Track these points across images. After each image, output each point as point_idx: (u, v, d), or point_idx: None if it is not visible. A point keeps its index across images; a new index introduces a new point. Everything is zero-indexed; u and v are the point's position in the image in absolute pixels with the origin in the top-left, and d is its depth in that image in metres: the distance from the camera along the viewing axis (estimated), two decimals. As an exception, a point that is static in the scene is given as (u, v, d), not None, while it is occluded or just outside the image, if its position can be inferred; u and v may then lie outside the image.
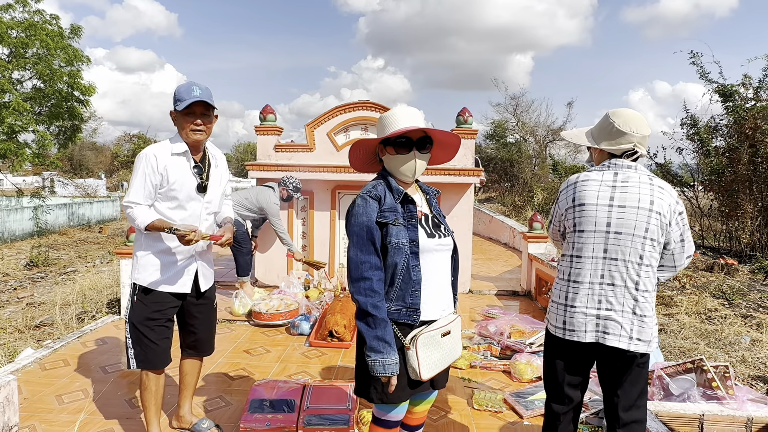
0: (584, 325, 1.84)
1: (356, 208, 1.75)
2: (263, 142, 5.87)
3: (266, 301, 4.62)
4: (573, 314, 1.86)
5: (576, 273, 1.88)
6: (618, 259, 1.81)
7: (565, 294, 1.90)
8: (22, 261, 8.31)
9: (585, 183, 1.89)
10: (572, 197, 1.90)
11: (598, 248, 1.83)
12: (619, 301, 1.81)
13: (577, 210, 1.88)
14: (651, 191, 1.82)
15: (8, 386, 2.62)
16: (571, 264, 1.90)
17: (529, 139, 24.82)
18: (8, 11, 15.02)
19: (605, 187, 1.85)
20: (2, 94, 14.71)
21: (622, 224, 1.81)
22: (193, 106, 2.24)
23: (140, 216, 2.23)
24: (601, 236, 1.83)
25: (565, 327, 1.89)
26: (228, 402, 3.03)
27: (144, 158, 2.26)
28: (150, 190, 2.27)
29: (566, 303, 1.89)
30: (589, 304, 1.84)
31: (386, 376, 1.65)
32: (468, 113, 5.70)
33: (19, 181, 21.70)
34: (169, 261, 2.35)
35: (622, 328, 1.80)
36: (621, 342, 1.80)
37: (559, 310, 1.92)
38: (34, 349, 4.02)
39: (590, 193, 1.86)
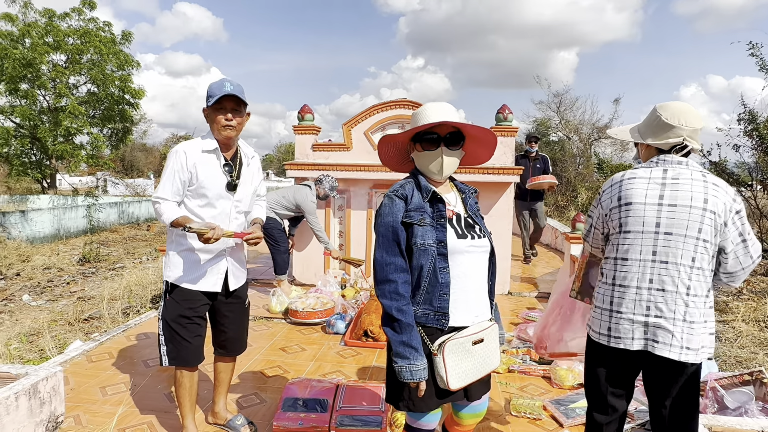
0: (631, 332, 1.72)
1: (382, 208, 1.70)
2: (301, 142, 5.91)
3: (303, 300, 4.64)
4: (619, 320, 1.75)
5: (622, 276, 1.76)
6: (669, 262, 1.69)
7: (610, 299, 1.79)
8: (76, 257, 8.71)
9: (632, 181, 1.77)
10: (618, 196, 1.79)
11: (647, 250, 1.71)
12: (670, 308, 1.68)
13: (623, 209, 1.76)
14: (705, 189, 1.69)
15: (55, 377, 2.73)
16: (616, 267, 1.79)
17: (573, 137, 24.06)
18: (65, 20, 15.82)
19: (654, 184, 1.73)
20: (60, 99, 15.53)
21: (673, 224, 1.69)
22: (224, 100, 2.23)
23: (166, 212, 2.25)
24: (649, 237, 1.71)
25: (609, 334, 1.77)
26: (263, 399, 3.05)
27: (174, 155, 2.28)
28: (178, 187, 2.28)
29: (611, 308, 1.78)
30: (637, 311, 1.72)
31: (414, 381, 1.59)
32: (508, 110, 5.55)
33: (75, 181, 22.88)
34: (198, 259, 2.36)
35: (673, 336, 1.68)
36: (672, 352, 1.68)
37: (603, 315, 1.80)
38: (83, 341, 4.18)
39: (638, 191, 1.74)
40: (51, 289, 6.58)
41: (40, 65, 14.98)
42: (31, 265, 7.83)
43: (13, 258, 8.08)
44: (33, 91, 15.33)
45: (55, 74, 15.48)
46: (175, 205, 2.29)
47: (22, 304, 5.87)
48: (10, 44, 14.59)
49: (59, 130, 15.30)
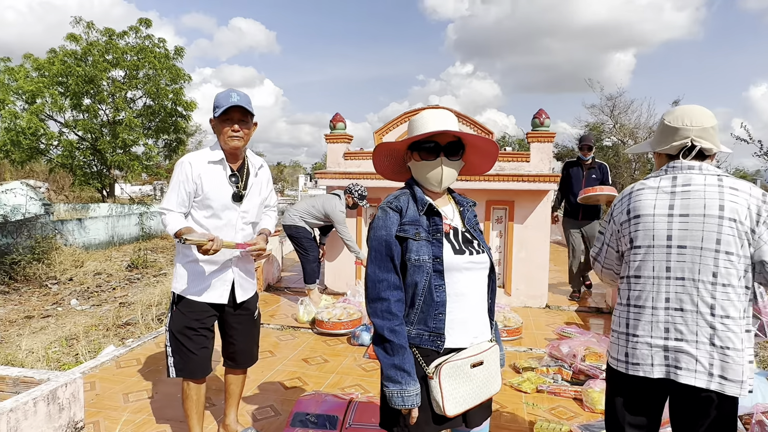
0: (650, 357, 1.55)
1: (376, 221, 1.59)
2: (333, 150, 5.91)
3: (329, 310, 4.59)
4: (635, 345, 1.58)
5: (635, 296, 1.60)
6: (685, 278, 1.51)
7: (626, 321, 1.62)
8: (125, 263, 9.09)
9: (640, 192, 1.61)
10: (627, 209, 1.63)
11: (659, 266, 1.54)
12: (691, 329, 1.50)
13: (633, 223, 1.60)
14: (720, 194, 1.51)
15: (74, 383, 2.78)
16: (629, 286, 1.62)
17: (628, 141, 23.04)
18: (123, 38, 16.74)
19: (662, 194, 1.57)
20: (118, 112, 16.42)
21: (686, 236, 1.51)
22: (231, 111, 2.22)
23: (170, 223, 2.25)
24: (661, 252, 1.54)
25: (627, 360, 1.60)
26: (277, 412, 3.00)
27: (179, 166, 2.29)
28: (183, 198, 2.28)
29: (627, 331, 1.61)
30: (654, 333, 1.55)
31: (406, 408, 1.48)
32: (545, 115, 5.32)
33: (135, 190, 24.09)
34: (204, 270, 2.34)
35: (697, 362, 1.49)
36: (698, 379, 1.49)
37: (620, 339, 1.64)
38: (116, 346, 4.31)
39: (646, 202, 1.58)
40: (98, 294, 6.88)
41: (100, 81, 15.90)
42: (83, 271, 8.24)
43: (68, 264, 8.53)
44: (94, 106, 16.28)
45: (114, 89, 16.39)
46: (179, 216, 2.29)
47: (69, 308, 6.16)
48: (74, 62, 15.58)
49: (117, 141, 16.17)
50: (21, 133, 14.85)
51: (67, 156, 16.45)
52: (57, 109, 15.75)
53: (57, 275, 7.90)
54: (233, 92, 2.23)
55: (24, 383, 2.79)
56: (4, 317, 5.78)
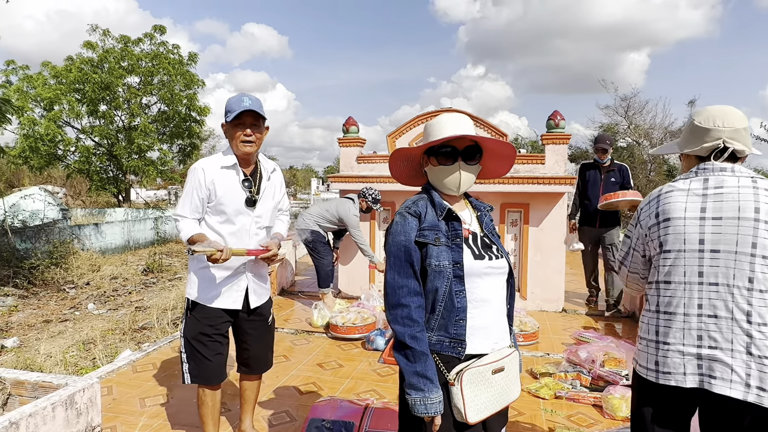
0: (682, 366, 1.50)
1: (394, 226, 1.57)
2: (346, 154, 5.90)
3: (343, 314, 4.58)
4: (666, 353, 1.52)
5: (666, 302, 1.54)
6: (719, 283, 1.46)
7: (655, 328, 1.57)
8: (141, 267, 9.18)
9: (669, 194, 1.56)
10: (655, 212, 1.58)
11: (691, 271, 1.49)
12: (726, 337, 1.44)
13: (662, 226, 1.55)
14: (755, 196, 1.45)
15: (92, 389, 2.79)
16: (659, 292, 1.57)
17: (643, 142, 22.75)
18: (138, 45, 16.98)
19: (693, 196, 1.51)
20: (133, 118, 16.64)
21: (720, 240, 1.46)
22: (243, 116, 2.21)
23: (184, 229, 2.25)
24: (693, 256, 1.49)
25: (657, 369, 1.55)
26: (293, 417, 2.99)
27: (192, 172, 2.29)
28: (197, 204, 2.28)
29: (657, 339, 1.56)
30: (687, 341, 1.49)
31: (429, 415, 1.45)
32: (560, 116, 5.26)
33: (150, 195, 24.37)
34: (218, 276, 2.34)
35: (733, 371, 1.43)
36: (733, 390, 1.43)
37: (649, 347, 1.59)
38: (132, 351, 4.33)
39: (676, 205, 1.53)
40: (114, 299, 6.95)
41: (116, 88, 16.14)
42: (100, 275, 8.33)
43: (85, 268, 8.63)
44: (110, 112, 16.54)
45: (130, 95, 16.62)
46: (193, 222, 2.29)
47: (86, 312, 6.23)
48: (91, 69, 15.84)
49: (133, 147, 16.39)
50: (39, 140, 15.13)
51: (84, 162, 16.71)
52: (74, 116, 16.02)
53: (74, 280, 8.00)
54: (245, 96, 2.23)
55: (42, 388, 2.81)
56: (23, 321, 5.86)
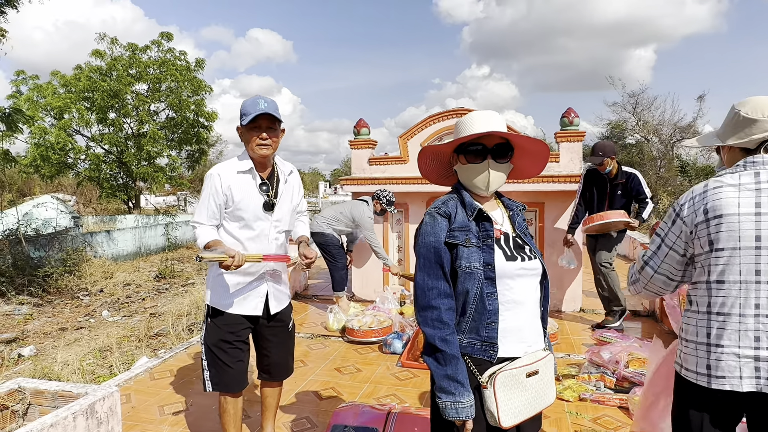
0: (738, 369, 1.43)
1: (424, 227, 1.54)
2: (357, 156, 5.87)
3: (359, 318, 4.54)
4: (720, 356, 1.45)
5: (720, 303, 1.47)
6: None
7: (706, 331, 1.49)
8: (153, 273, 9.20)
9: (718, 190, 1.48)
10: (703, 209, 1.49)
11: (747, 269, 1.42)
12: None
13: (713, 224, 1.47)
14: None
15: (111, 397, 2.77)
16: (710, 292, 1.49)
17: (652, 139, 22.55)
18: (146, 52, 17.07)
19: (746, 191, 1.44)
20: (142, 125, 16.73)
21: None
22: (259, 119, 2.17)
23: (201, 236, 2.22)
24: (749, 254, 1.42)
25: (710, 373, 1.47)
26: (314, 423, 2.95)
27: (209, 178, 2.25)
28: (213, 210, 2.24)
29: (708, 342, 1.48)
30: (743, 343, 1.42)
31: (460, 420, 1.41)
32: (574, 114, 5.19)
33: (159, 201, 24.51)
34: (238, 282, 2.30)
35: None
36: None
37: (699, 351, 1.51)
38: (149, 357, 4.32)
39: (728, 200, 1.45)
40: (128, 305, 6.95)
41: (125, 95, 16.22)
42: (113, 282, 8.36)
43: (98, 275, 8.67)
44: (119, 120, 16.61)
45: (138, 102, 16.70)
46: (211, 228, 2.26)
47: (101, 319, 6.24)
48: (99, 78, 15.94)
49: (142, 154, 16.47)
50: (50, 148, 15.23)
51: (95, 169, 16.80)
52: (84, 124, 16.11)
53: (88, 287, 8.03)
54: (260, 99, 2.19)
55: (62, 397, 2.80)
56: (39, 329, 5.88)
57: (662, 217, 14.65)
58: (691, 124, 21.32)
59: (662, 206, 15.91)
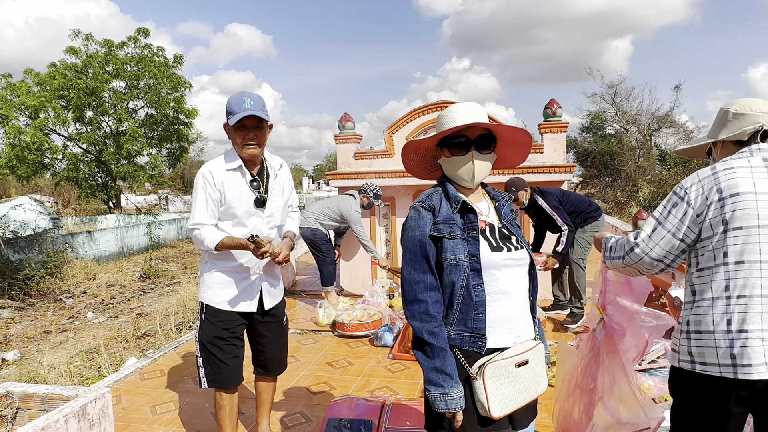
0: (763, 355, 1.37)
1: (409, 221, 1.54)
2: (343, 151, 5.86)
3: (349, 312, 4.55)
4: (746, 341, 1.38)
5: (741, 285, 1.41)
6: None
7: (726, 316, 1.42)
8: (137, 273, 9.08)
9: (730, 171, 1.46)
10: (716, 188, 1.46)
11: (767, 249, 1.40)
12: None
13: (729, 202, 1.43)
14: None
15: (103, 398, 2.74)
16: (728, 275, 1.44)
17: (630, 128, 22.92)
18: (123, 48, 16.74)
19: (760, 171, 1.43)
20: (120, 123, 16.43)
21: None
22: (245, 120, 2.14)
23: (209, 236, 2.18)
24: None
25: (736, 362, 1.39)
26: (308, 418, 2.96)
27: (201, 176, 2.22)
28: (212, 208, 2.22)
29: (729, 328, 1.41)
30: (765, 326, 1.38)
31: (450, 411, 1.43)
32: (556, 105, 5.26)
33: (140, 200, 24.14)
34: (233, 279, 2.30)
35: None
36: None
37: (719, 340, 1.42)
38: (137, 358, 4.28)
39: (743, 180, 1.43)
40: (113, 306, 6.86)
41: (102, 93, 15.92)
42: (96, 283, 8.23)
43: (81, 277, 8.53)
44: (97, 118, 16.29)
45: (116, 100, 16.41)
46: (213, 228, 2.23)
47: (86, 321, 6.15)
48: (75, 75, 15.60)
49: (122, 152, 16.19)
50: (25, 148, 14.87)
51: (72, 169, 16.48)
52: (60, 123, 15.78)
53: (70, 289, 7.89)
54: (246, 97, 2.15)
55: (52, 400, 2.76)
56: (22, 333, 5.77)
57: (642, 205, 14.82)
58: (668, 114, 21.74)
59: (642, 195, 16.20)
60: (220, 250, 2.22)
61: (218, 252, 2.24)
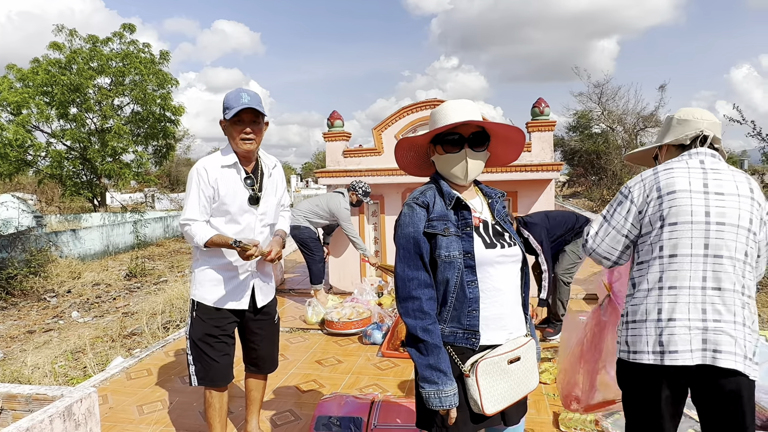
0: (689, 342, 1.47)
1: (402, 218, 1.54)
2: (332, 149, 5.85)
3: (338, 310, 4.55)
4: (673, 329, 1.49)
5: (672, 276, 1.52)
6: (723, 256, 1.49)
7: (657, 306, 1.53)
8: (123, 272, 8.97)
9: (669, 171, 1.59)
10: (656, 187, 1.58)
11: (698, 243, 1.51)
12: (729, 309, 1.47)
13: (666, 199, 1.55)
14: (747, 179, 1.56)
15: (89, 398, 2.71)
16: (663, 267, 1.55)
17: (616, 128, 23.16)
18: (108, 44, 16.51)
19: (695, 171, 1.57)
20: (106, 120, 16.20)
21: (724, 213, 1.50)
22: (242, 113, 2.15)
23: (199, 233, 2.18)
24: (700, 228, 1.51)
25: (663, 349, 1.50)
26: (297, 416, 2.96)
27: (195, 173, 2.22)
28: (205, 205, 2.22)
29: (659, 317, 1.52)
30: (693, 315, 1.48)
31: (444, 408, 1.43)
32: (544, 104, 5.29)
33: (126, 198, 23.82)
34: (225, 277, 2.30)
35: (736, 344, 1.45)
36: (737, 362, 1.45)
37: (649, 329, 1.53)
38: (124, 357, 4.23)
39: (680, 179, 1.56)
40: (98, 305, 6.77)
41: (86, 89, 15.64)
42: (81, 282, 8.11)
43: (65, 275, 8.40)
44: (81, 115, 16.02)
45: (101, 97, 16.14)
46: (205, 224, 2.23)
47: (71, 320, 6.06)
48: (58, 71, 15.33)
49: (107, 150, 15.95)
50: (8, 145, 14.59)
51: (56, 166, 16.20)
52: (43, 120, 15.49)
53: (55, 288, 7.78)
54: (243, 92, 2.16)
55: (37, 400, 2.72)
56: (4, 333, 5.67)
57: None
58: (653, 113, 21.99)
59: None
60: (209, 248, 2.22)
61: (209, 249, 2.24)
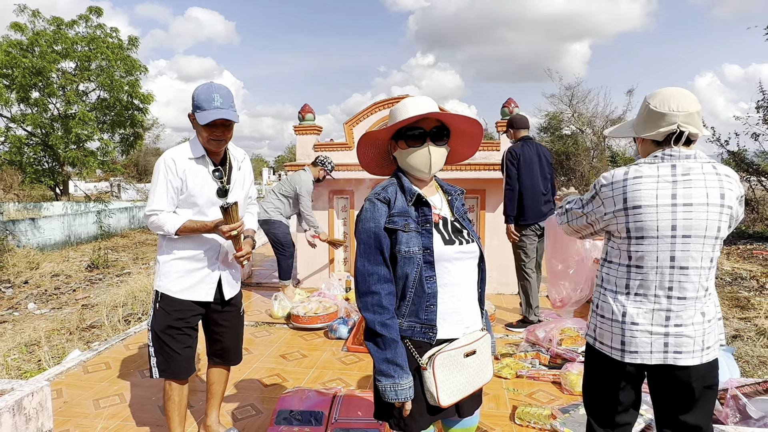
0: (649, 345, 1.57)
1: (364, 213, 1.55)
2: (302, 142, 5.80)
3: (305, 304, 4.53)
4: (634, 333, 1.59)
5: (637, 285, 1.60)
6: (689, 267, 1.54)
7: (622, 309, 1.61)
8: (84, 263, 8.72)
9: (638, 180, 1.58)
10: (623, 197, 1.60)
11: (664, 256, 1.55)
12: (690, 314, 1.55)
13: (632, 213, 1.58)
14: (719, 183, 1.54)
15: (41, 392, 2.63)
16: (629, 275, 1.62)
17: (586, 130, 23.67)
18: (73, 27, 15.93)
19: (664, 183, 1.55)
20: (70, 106, 15.64)
21: (691, 226, 1.52)
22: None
23: (168, 221, 2.14)
24: (666, 242, 1.54)
25: (624, 348, 1.61)
26: (258, 410, 2.94)
27: (163, 163, 2.18)
28: (172, 195, 2.18)
29: (623, 320, 1.61)
30: (655, 321, 1.56)
31: (399, 401, 1.46)
32: (513, 104, 5.37)
33: (90, 187, 23.08)
34: (191, 268, 2.26)
35: (694, 342, 1.55)
36: (694, 358, 1.55)
37: (614, 327, 1.64)
38: (82, 351, 4.12)
39: (647, 192, 1.56)
40: (57, 297, 6.56)
41: (49, 73, 15.06)
42: (39, 273, 7.83)
43: (22, 266, 8.10)
44: (43, 99, 15.41)
45: (65, 81, 15.57)
46: (173, 214, 2.19)
47: (27, 312, 5.85)
48: (19, 53, 14.71)
49: (70, 137, 15.40)
50: (-37, 130, 13.95)
51: (16, 152, 15.54)
52: (2, 103, 14.83)
53: (11, 278, 7.49)
54: (215, 93, 2.10)
55: (-15, 394, 2.62)
56: (-45, 325, 5.44)
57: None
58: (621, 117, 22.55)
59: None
60: (181, 235, 2.18)
61: (178, 239, 2.21)
